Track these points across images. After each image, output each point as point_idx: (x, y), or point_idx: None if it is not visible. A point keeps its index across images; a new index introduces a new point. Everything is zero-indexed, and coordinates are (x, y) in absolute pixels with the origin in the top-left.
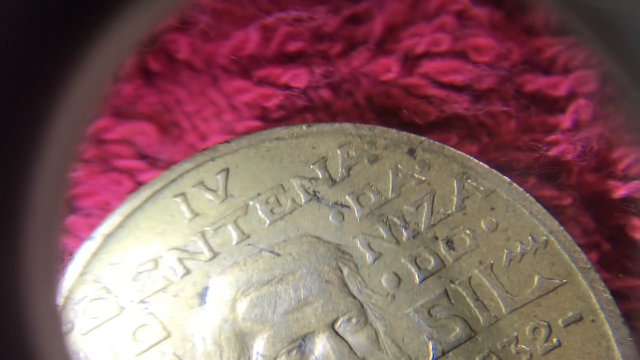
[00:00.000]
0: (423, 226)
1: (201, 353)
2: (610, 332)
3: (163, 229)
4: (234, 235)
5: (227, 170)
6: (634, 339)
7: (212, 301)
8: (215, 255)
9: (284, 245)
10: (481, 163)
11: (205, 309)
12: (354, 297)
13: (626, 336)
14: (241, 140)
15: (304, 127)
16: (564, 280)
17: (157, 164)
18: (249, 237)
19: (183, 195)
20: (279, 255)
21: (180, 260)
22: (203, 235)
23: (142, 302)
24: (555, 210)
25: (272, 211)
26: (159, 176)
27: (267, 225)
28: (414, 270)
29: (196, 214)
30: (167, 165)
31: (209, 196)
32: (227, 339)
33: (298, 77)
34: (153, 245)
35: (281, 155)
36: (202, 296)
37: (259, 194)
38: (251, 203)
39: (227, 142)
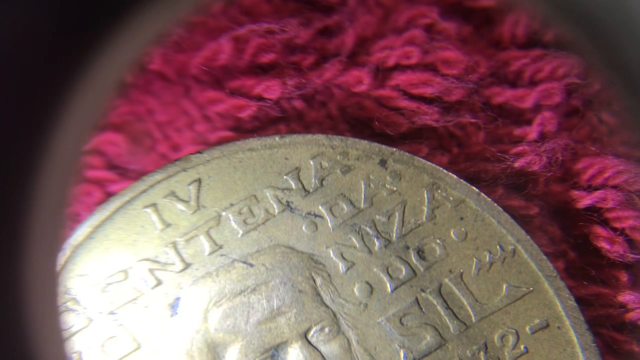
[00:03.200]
0: (394, 236)
1: None
2: (574, 338)
3: (133, 239)
4: (206, 246)
5: (199, 181)
6: (597, 345)
7: (184, 312)
8: (187, 265)
9: (257, 255)
10: (450, 173)
11: (177, 319)
12: (327, 306)
13: (590, 342)
14: (213, 151)
15: (277, 138)
16: (531, 288)
17: (127, 174)
18: (221, 247)
19: (154, 205)
20: (251, 265)
21: (151, 271)
22: (174, 245)
23: (112, 313)
24: (523, 220)
25: (244, 221)
26: (129, 187)
27: (239, 235)
28: (385, 279)
29: (167, 225)
30: (138, 175)
31: (181, 206)
32: (199, 350)
33: (270, 88)
34: (123, 256)
35: (254, 165)
36: (173, 307)
37: (232, 205)
38: (223, 213)
39: (199, 152)
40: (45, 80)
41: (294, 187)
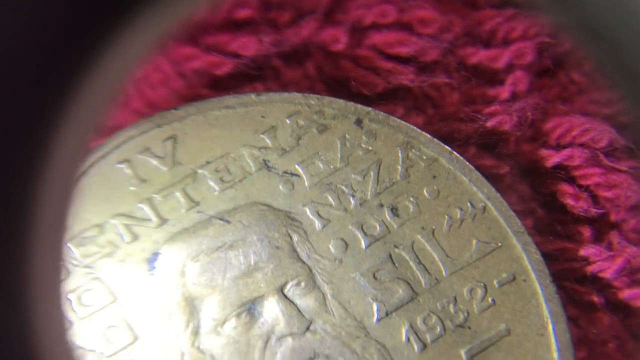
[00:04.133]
0: (369, 194)
1: (149, 316)
2: (539, 291)
3: (107, 195)
4: (183, 202)
5: (174, 137)
6: (560, 296)
7: (161, 267)
8: (163, 221)
9: (234, 212)
10: (424, 133)
11: (154, 274)
12: (303, 262)
13: (553, 293)
14: (189, 108)
15: (253, 96)
16: (499, 244)
17: (101, 131)
18: (198, 204)
19: (128, 161)
20: (228, 222)
21: (127, 226)
22: (150, 201)
23: (87, 266)
24: (494, 179)
25: (221, 179)
26: (103, 142)
27: (216, 193)
28: (360, 236)
29: (142, 180)
30: (112, 131)
31: (156, 163)
32: (177, 303)
33: (246, 45)
34: (98, 211)
35: (230, 123)
36: (150, 262)
37: (208, 162)
38: (200, 171)
39: (174, 109)
40: (48, 79)
41: (270, 145)
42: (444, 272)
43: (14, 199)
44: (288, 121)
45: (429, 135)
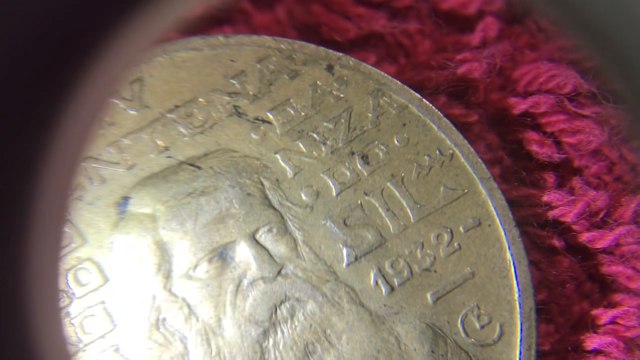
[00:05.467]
0: (340, 142)
1: (119, 259)
2: (503, 235)
3: None
4: (152, 147)
5: (141, 80)
6: (522, 240)
7: (132, 211)
8: (132, 165)
9: (205, 158)
10: (395, 80)
11: (124, 218)
12: (274, 209)
13: (516, 238)
14: (155, 49)
15: (221, 38)
16: (466, 190)
17: None
18: (167, 149)
19: None
20: (199, 168)
21: (95, 169)
22: (118, 145)
23: None
24: (463, 128)
25: (190, 124)
26: None
27: (186, 138)
28: (331, 183)
29: (110, 123)
30: None
31: (123, 105)
32: (147, 247)
33: None
34: None
35: (198, 66)
36: (120, 205)
37: (177, 106)
38: (168, 115)
39: None
40: (49, 77)
41: (240, 91)
42: (412, 218)
43: (12, 195)
44: (258, 65)
45: (399, 83)
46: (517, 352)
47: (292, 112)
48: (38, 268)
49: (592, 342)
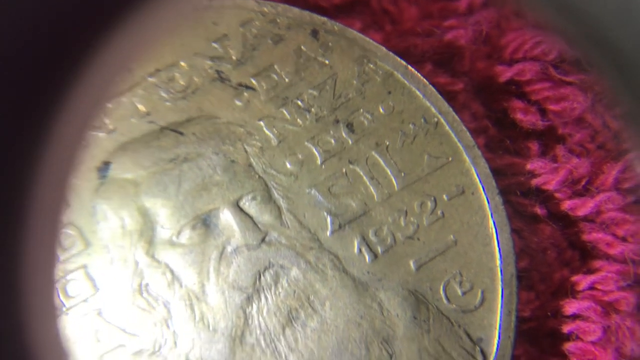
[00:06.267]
0: (325, 109)
1: (102, 224)
2: (486, 203)
3: None
4: (132, 111)
5: None
6: (505, 208)
7: (113, 176)
8: (112, 130)
9: (187, 124)
10: (380, 46)
11: (106, 183)
12: (259, 177)
13: (499, 205)
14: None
15: (204, 0)
16: (450, 158)
17: None
18: (148, 114)
19: None
20: (182, 134)
21: None
22: None
23: None
24: (448, 96)
25: (172, 89)
26: None
27: (167, 103)
28: (315, 151)
29: None
30: None
31: None
32: (129, 213)
33: None
34: None
35: (179, 29)
36: (101, 170)
37: (158, 70)
38: (149, 79)
39: None
40: (44, 76)
41: (223, 55)
42: (396, 187)
43: (8, 188)
44: (241, 29)
45: (385, 50)
46: (498, 318)
47: (276, 78)
48: (34, 266)
49: (570, 307)
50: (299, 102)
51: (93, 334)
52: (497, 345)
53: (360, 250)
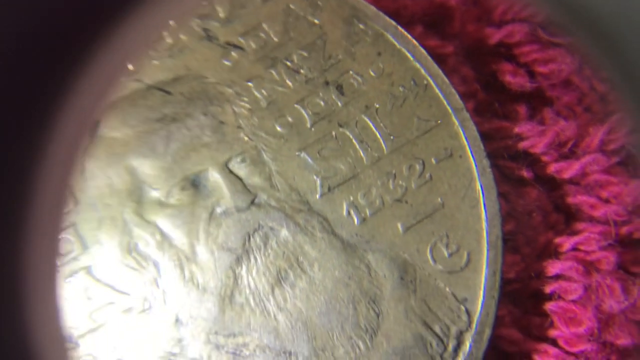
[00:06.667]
0: (314, 71)
1: (90, 182)
2: (474, 166)
3: None
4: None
5: None
6: (492, 171)
7: (102, 134)
8: None
9: (174, 84)
10: (370, 5)
11: (93, 142)
12: (248, 138)
13: (487, 168)
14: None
15: None
16: (439, 121)
17: None
18: (134, 72)
19: None
20: (169, 93)
21: None
22: None
23: None
24: (438, 59)
25: (159, 47)
26: None
27: (154, 61)
28: (305, 114)
29: None
30: None
31: None
32: (117, 172)
33: None
34: None
35: None
36: (89, 131)
37: None
38: None
39: None
40: (45, 75)
41: (211, 13)
42: (385, 150)
43: (10, 190)
44: None
45: (375, 9)
46: (483, 278)
47: (264, 37)
48: (34, 260)
49: (553, 268)
50: (288, 63)
51: (83, 291)
52: (482, 305)
53: (349, 213)
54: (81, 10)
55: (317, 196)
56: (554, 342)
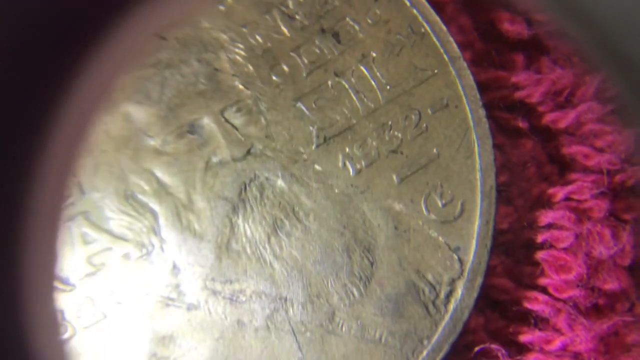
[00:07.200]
0: (310, 17)
1: None
2: (469, 116)
3: None
4: None
5: None
6: (488, 122)
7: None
8: None
9: (168, 28)
10: None
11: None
12: (243, 87)
13: (482, 118)
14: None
15: None
16: (435, 71)
17: None
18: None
19: None
20: (164, 38)
21: None
22: None
23: None
24: (436, 7)
25: None
26: None
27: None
28: (300, 62)
29: None
30: None
31: None
32: (113, 118)
33: None
34: None
35: None
36: None
37: None
38: None
39: None
40: (48, 69)
41: None
42: (381, 100)
43: (7, 192)
44: None
45: None
46: (476, 227)
47: None
48: (32, 257)
49: (546, 217)
50: (283, 9)
51: (80, 236)
52: (474, 253)
53: (344, 164)
54: (81, 6)
55: (313, 147)
56: (543, 290)
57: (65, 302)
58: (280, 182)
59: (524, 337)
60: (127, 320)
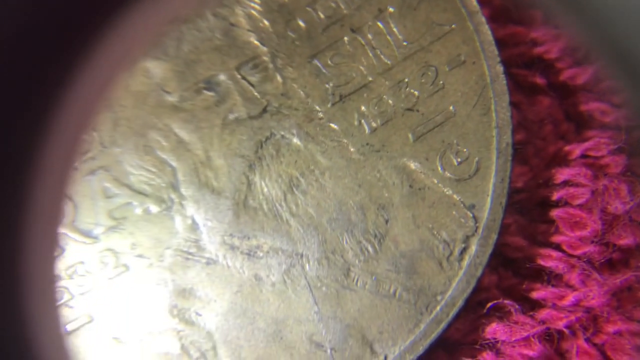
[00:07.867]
0: None
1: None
2: (486, 71)
3: None
4: None
5: None
6: (505, 76)
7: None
8: None
9: None
10: None
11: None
12: (259, 43)
13: (500, 74)
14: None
15: None
16: (453, 26)
17: None
18: None
19: None
20: None
21: None
22: None
23: None
24: None
25: None
26: None
27: None
28: (316, 18)
29: None
30: None
31: None
32: (132, 75)
33: None
34: None
35: None
36: None
37: None
38: None
39: None
40: (48, 64)
41: None
42: (397, 57)
43: (8, 188)
44: None
45: None
46: (491, 185)
47: None
48: (33, 256)
49: (562, 174)
50: None
51: (102, 190)
52: (489, 211)
53: (359, 122)
54: (81, 5)
55: (329, 105)
56: (557, 247)
57: (88, 254)
58: (296, 140)
59: (537, 294)
60: (148, 273)
